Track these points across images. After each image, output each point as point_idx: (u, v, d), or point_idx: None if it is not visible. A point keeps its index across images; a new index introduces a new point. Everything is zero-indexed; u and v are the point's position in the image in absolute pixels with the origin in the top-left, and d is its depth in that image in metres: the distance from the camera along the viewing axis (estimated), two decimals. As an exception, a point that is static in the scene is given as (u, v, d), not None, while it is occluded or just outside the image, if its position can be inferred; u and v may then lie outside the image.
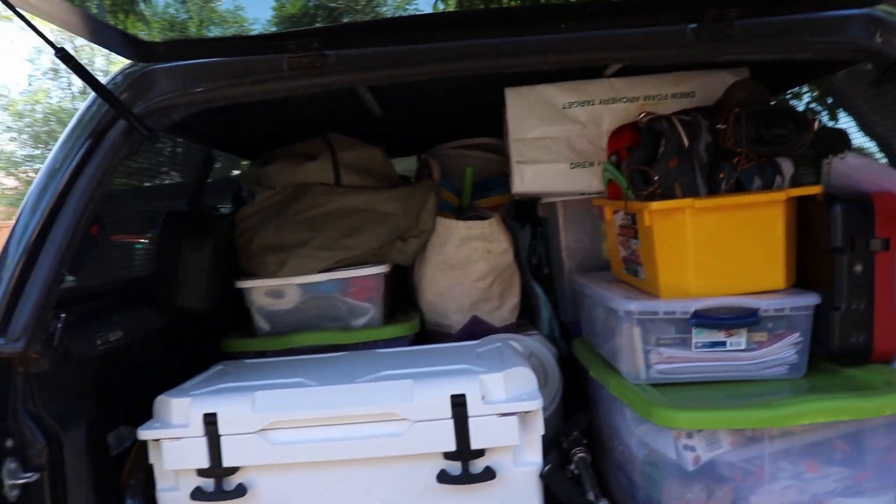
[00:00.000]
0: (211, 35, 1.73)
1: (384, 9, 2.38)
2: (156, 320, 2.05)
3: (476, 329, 2.32)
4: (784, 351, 1.82)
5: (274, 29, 1.84)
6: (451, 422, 1.65)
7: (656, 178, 1.87)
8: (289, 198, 2.25)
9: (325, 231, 2.17)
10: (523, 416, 1.67)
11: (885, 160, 1.98)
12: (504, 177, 2.82)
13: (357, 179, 2.28)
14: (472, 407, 1.65)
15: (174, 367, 2.08)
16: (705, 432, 1.60)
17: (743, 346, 1.82)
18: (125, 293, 2.04)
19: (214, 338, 2.27)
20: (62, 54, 1.40)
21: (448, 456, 1.65)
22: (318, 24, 1.70)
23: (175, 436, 1.68)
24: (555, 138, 2.31)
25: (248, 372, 1.94)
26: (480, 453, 1.65)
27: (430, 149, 3.06)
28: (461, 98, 2.52)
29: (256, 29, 1.78)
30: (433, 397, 1.66)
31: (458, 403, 1.65)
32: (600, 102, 2.29)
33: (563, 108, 2.31)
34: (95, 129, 1.61)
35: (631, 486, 1.86)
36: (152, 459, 1.72)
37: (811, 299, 1.79)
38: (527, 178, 2.33)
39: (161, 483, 1.73)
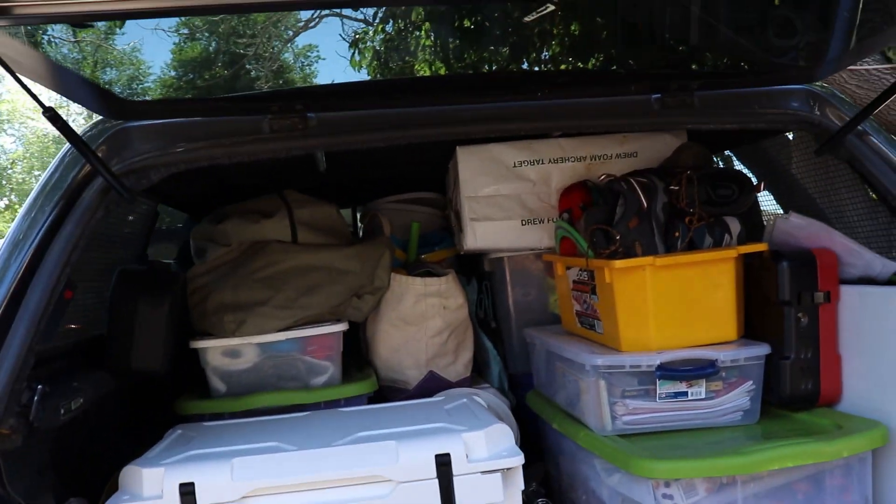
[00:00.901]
0: (188, 96, 1.70)
1: (287, 55, 2.41)
2: (109, 383, 1.96)
3: (432, 385, 2.34)
4: (739, 398, 1.93)
5: (173, 74, 1.83)
6: (436, 481, 1.65)
7: (618, 237, 1.97)
8: (244, 255, 2.22)
9: (284, 290, 2.15)
10: (505, 472, 1.69)
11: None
12: (445, 231, 2.88)
13: (313, 237, 2.28)
14: (457, 466, 1.65)
15: (127, 432, 1.99)
16: (683, 481, 1.68)
17: (703, 396, 1.92)
18: (76, 355, 1.95)
19: (166, 400, 2.19)
20: (51, 114, 1.36)
21: (433, 516, 1.66)
22: (297, 85, 1.71)
23: (148, 508, 1.61)
24: (506, 196, 2.39)
25: (213, 436, 1.88)
26: (466, 513, 1.66)
27: (366, 203, 3.08)
28: (407, 154, 2.56)
29: (155, 74, 1.78)
30: (418, 457, 1.66)
31: (443, 463, 1.65)
32: (549, 161, 2.39)
33: (514, 166, 2.39)
34: (69, 189, 1.56)
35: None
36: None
37: (763, 349, 1.92)
38: (479, 235, 2.39)
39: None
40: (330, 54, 2.20)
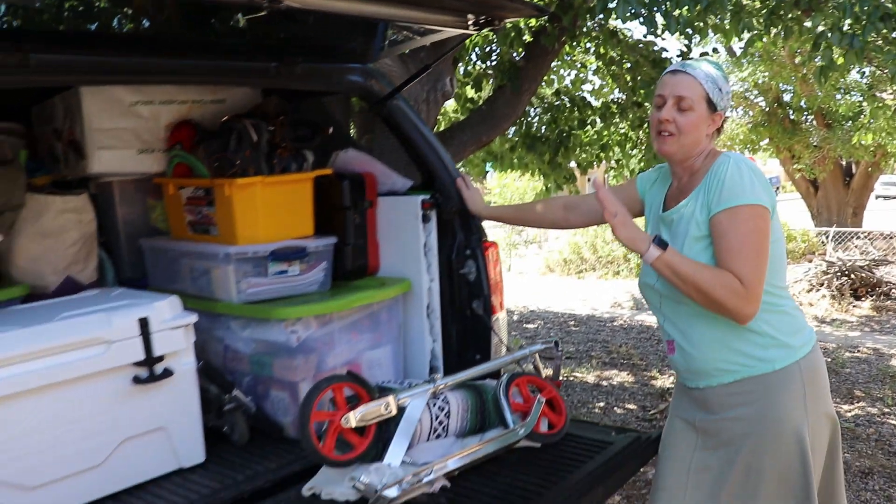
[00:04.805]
0: None
1: None
2: None
3: (70, 287, 2.89)
4: (318, 274, 3.00)
5: None
6: (140, 338, 2.37)
7: (238, 162, 2.84)
8: None
9: (-59, 206, 2.50)
10: (185, 327, 2.49)
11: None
12: (40, 159, 3.33)
13: (-43, 160, 2.63)
14: (154, 325, 2.40)
15: None
16: (303, 319, 2.69)
17: (297, 272, 2.93)
18: None
19: None
20: None
21: (138, 364, 2.37)
22: None
23: None
24: (125, 129, 3.02)
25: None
26: (161, 359, 2.42)
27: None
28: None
29: None
30: (125, 321, 2.36)
31: (144, 324, 2.38)
32: (159, 103, 3.09)
33: (130, 105, 3.03)
34: None
35: (235, 377, 2.81)
36: None
37: (332, 240, 3.01)
38: (104, 162, 2.99)
39: None
40: None
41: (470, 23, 2.56)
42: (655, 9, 4.92)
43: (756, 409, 2.22)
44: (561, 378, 2.99)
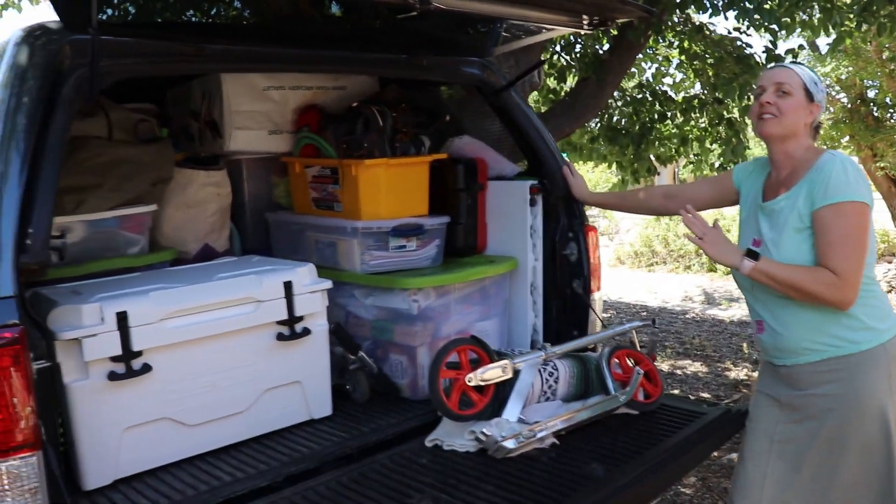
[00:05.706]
0: None
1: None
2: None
3: (207, 253, 3.25)
4: (431, 250, 3.30)
5: None
6: (284, 300, 2.70)
7: (366, 145, 3.15)
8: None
9: (111, 177, 2.87)
10: (323, 292, 2.81)
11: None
12: (175, 137, 3.70)
13: (122, 135, 2.99)
14: (297, 288, 2.73)
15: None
16: (424, 290, 2.99)
17: (414, 248, 3.24)
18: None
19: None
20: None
21: (281, 322, 2.71)
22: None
23: (92, 333, 2.31)
24: (258, 111, 3.36)
25: (97, 288, 2.59)
26: (301, 319, 2.75)
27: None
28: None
29: None
30: (273, 284, 2.69)
31: (288, 286, 2.71)
32: (289, 88, 3.43)
33: (264, 90, 3.37)
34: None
35: (359, 340, 3.13)
36: (60, 358, 2.28)
37: (446, 219, 3.30)
38: (239, 140, 3.33)
39: (69, 377, 2.30)
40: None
41: (585, 23, 2.82)
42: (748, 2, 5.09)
43: (842, 386, 2.43)
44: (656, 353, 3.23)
